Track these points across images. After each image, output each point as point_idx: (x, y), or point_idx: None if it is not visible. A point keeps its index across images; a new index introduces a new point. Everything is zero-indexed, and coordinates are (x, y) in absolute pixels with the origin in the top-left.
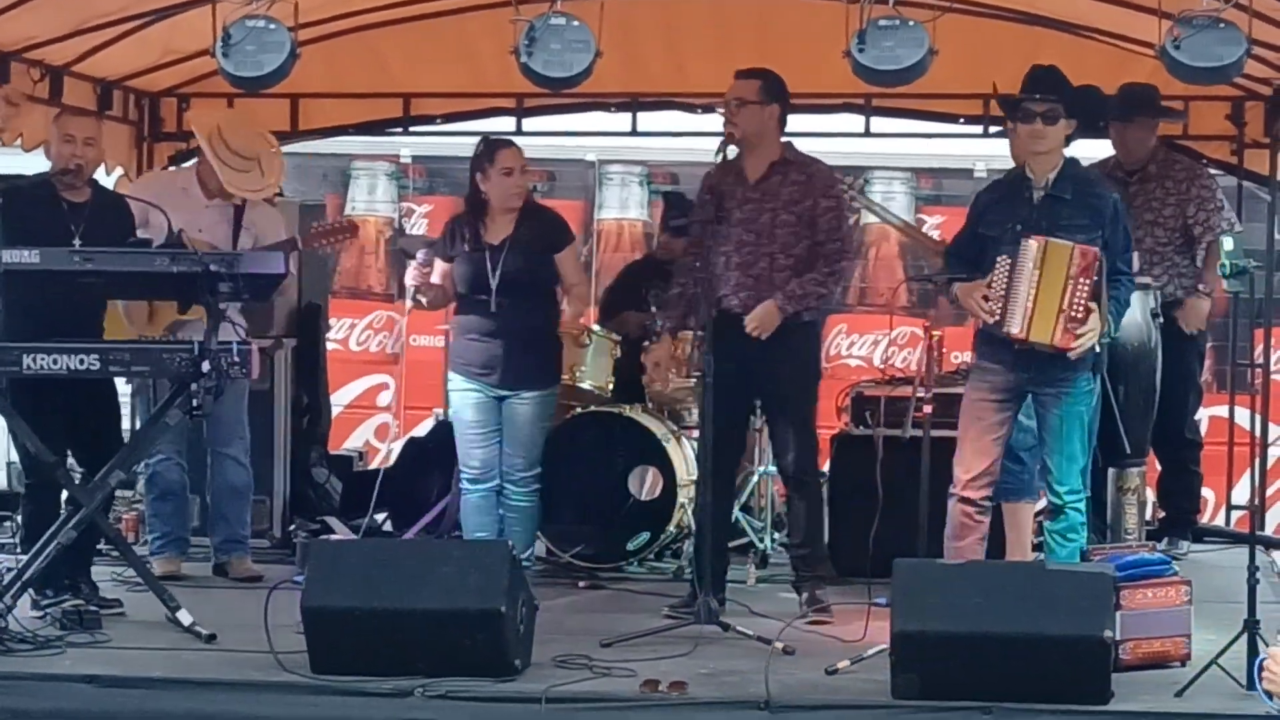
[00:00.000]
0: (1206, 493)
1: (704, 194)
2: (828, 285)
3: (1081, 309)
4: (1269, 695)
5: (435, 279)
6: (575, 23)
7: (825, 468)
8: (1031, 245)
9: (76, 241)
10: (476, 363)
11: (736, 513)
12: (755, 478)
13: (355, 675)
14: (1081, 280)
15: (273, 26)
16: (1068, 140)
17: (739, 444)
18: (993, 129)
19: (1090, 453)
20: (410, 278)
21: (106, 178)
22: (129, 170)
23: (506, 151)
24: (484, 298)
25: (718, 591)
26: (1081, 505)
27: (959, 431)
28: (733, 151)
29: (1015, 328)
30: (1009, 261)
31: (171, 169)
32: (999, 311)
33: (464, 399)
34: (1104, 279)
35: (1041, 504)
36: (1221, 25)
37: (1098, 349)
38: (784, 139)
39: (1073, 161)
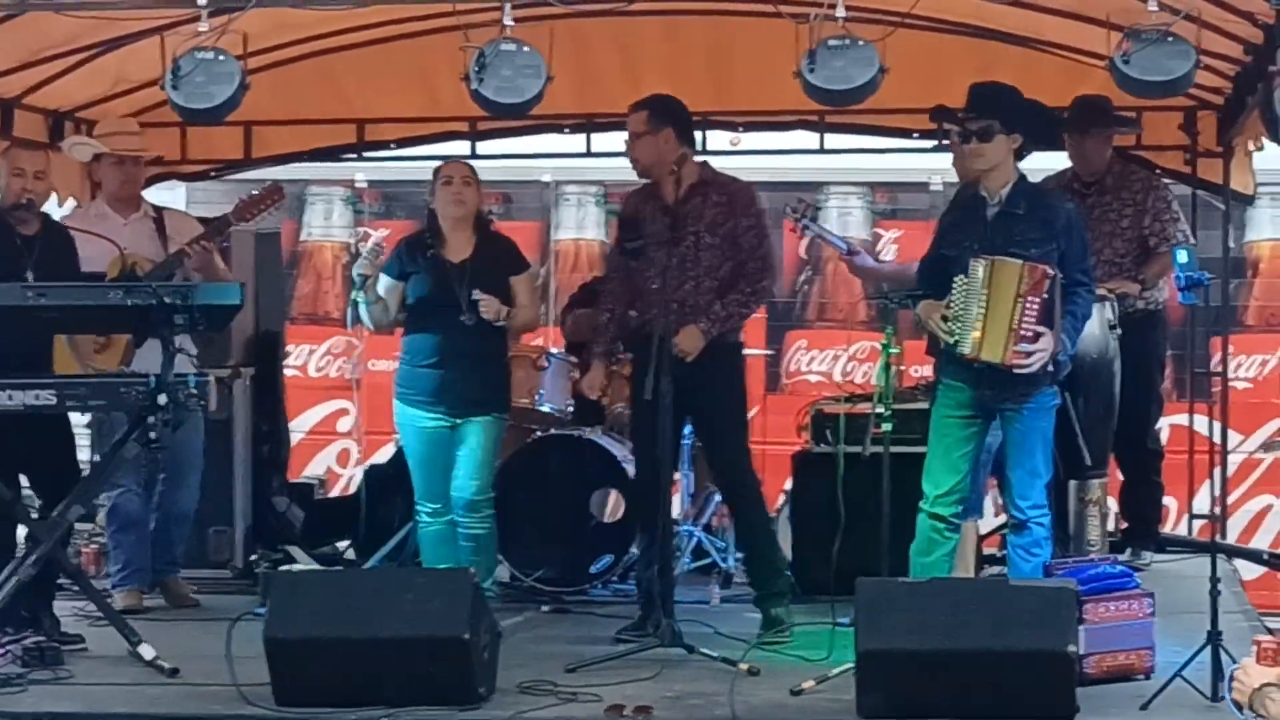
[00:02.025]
0: (1168, 501)
1: (623, 220)
2: (750, 305)
3: (1031, 328)
4: (1238, 706)
5: (381, 291)
6: (526, 48)
7: (787, 486)
8: (979, 266)
9: (29, 275)
10: (423, 390)
11: (699, 534)
12: (717, 497)
13: (320, 706)
14: (1030, 299)
15: (222, 58)
16: (1020, 155)
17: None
18: (946, 143)
19: (1051, 467)
20: (360, 266)
21: (58, 209)
22: (82, 202)
23: (447, 165)
24: (448, 314)
25: (675, 612)
26: (1045, 520)
27: (929, 448)
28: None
29: (966, 348)
30: (964, 281)
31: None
32: (956, 331)
33: (414, 428)
34: (1057, 296)
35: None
36: (1170, 39)
37: (1054, 365)
38: (699, 159)
39: (1024, 179)
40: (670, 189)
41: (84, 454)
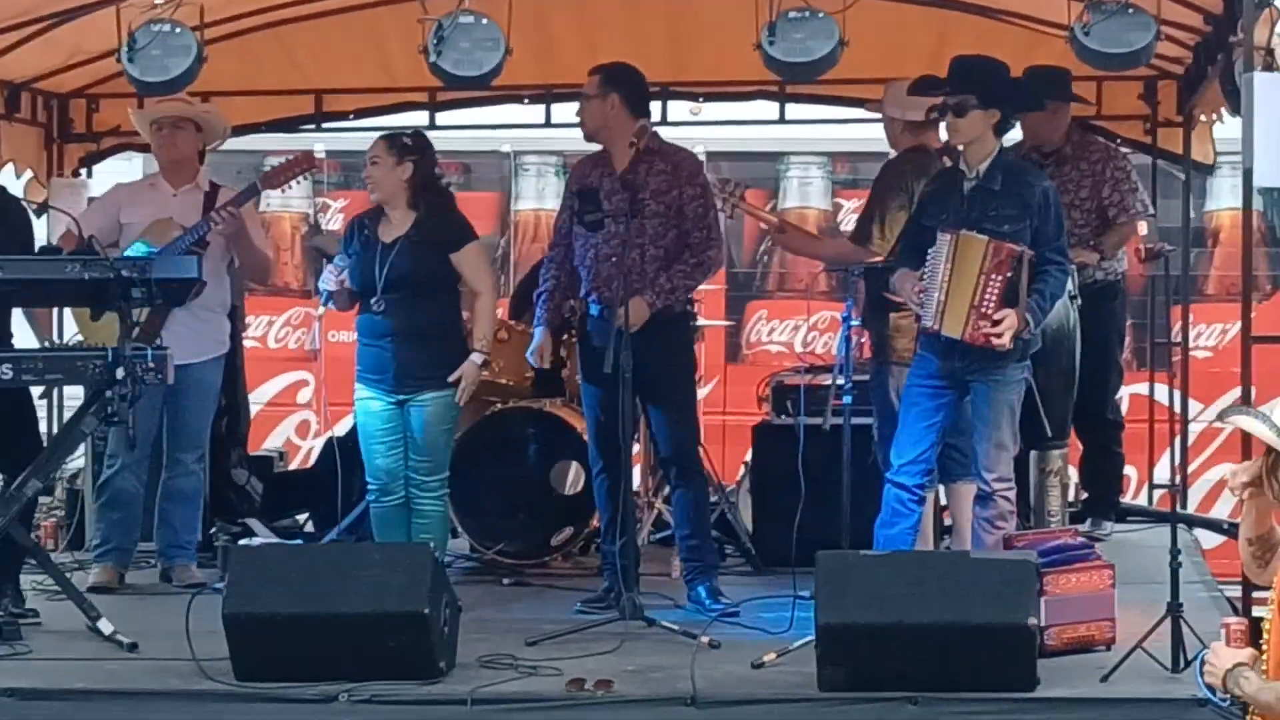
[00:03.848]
0: (1129, 471)
1: (569, 186)
2: (694, 276)
3: (993, 305)
4: (1211, 689)
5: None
6: (484, 20)
7: (747, 458)
8: (945, 239)
9: None
10: (372, 368)
11: (660, 505)
12: None
13: (279, 681)
14: (994, 276)
15: (178, 30)
16: (1001, 129)
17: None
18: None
19: (1018, 440)
20: (325, 282)
21: (15, 181)
22: (39, 173)
23: (372, 145)
24: (372, 299)
25: (636, 585)
26: (1011, 494)
27: (899, 417)
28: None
29: (929, 320)
30: (933, 253)
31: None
32: (923, 302)
33: (365, 406)
34: (1023, 275)
35: None
36: (1131, 10)
37: (1021, 341)
38: (650, 128)
39: (1004, 150)
40: (619, 157)
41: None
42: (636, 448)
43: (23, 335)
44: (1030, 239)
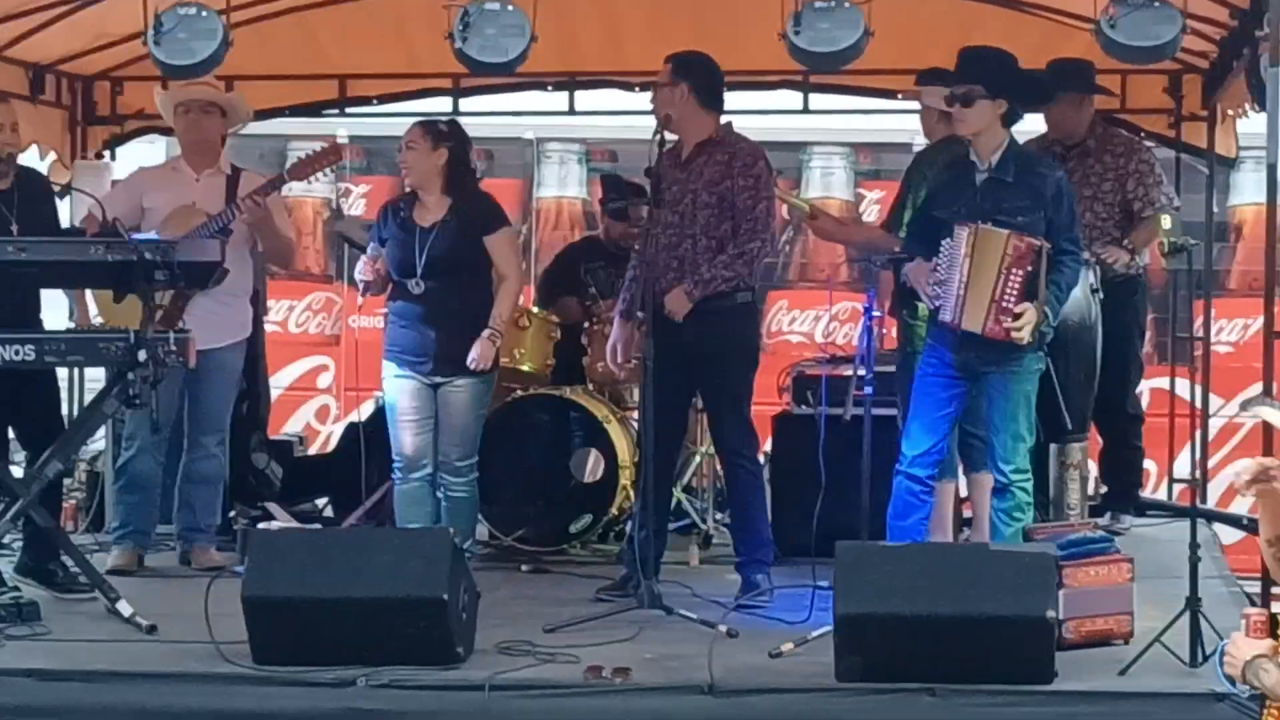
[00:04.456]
0: (1149, 465)
1: (647, 178)
2: (734, 268)
3: (1014, 299)
4: (1230, 680)
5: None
6: (510, 7)
7: (767, 447)
8: (963, 232)
9: (14, 228)
10: (408, 349)
11: (679, 494)
12: (698, 458)
13: (297, 665)
14: (1014, 270)
15: (204, 14)
16: (1010, 120)
17: (679, 427)
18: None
19: (1035, 431)
20: (361, 272)
21: (39, 163)
22: (62, 155)
23: (408, 131)
24: (410, 281)
25: (656, 574)
26: (1028, 485)
27: (910, 408)
28: (671, 135)
29: (947, 315)
30: (950, 246)
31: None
32: (940, 295)
33: (397, 386)
34: (1042, 268)
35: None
36: (1157, 4)
37: (1044, 330)
38: (724, 119)
39: (1016, 145)
40: (686, 147)
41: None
42: None
43: (57, 315)
44: (1044, 230)
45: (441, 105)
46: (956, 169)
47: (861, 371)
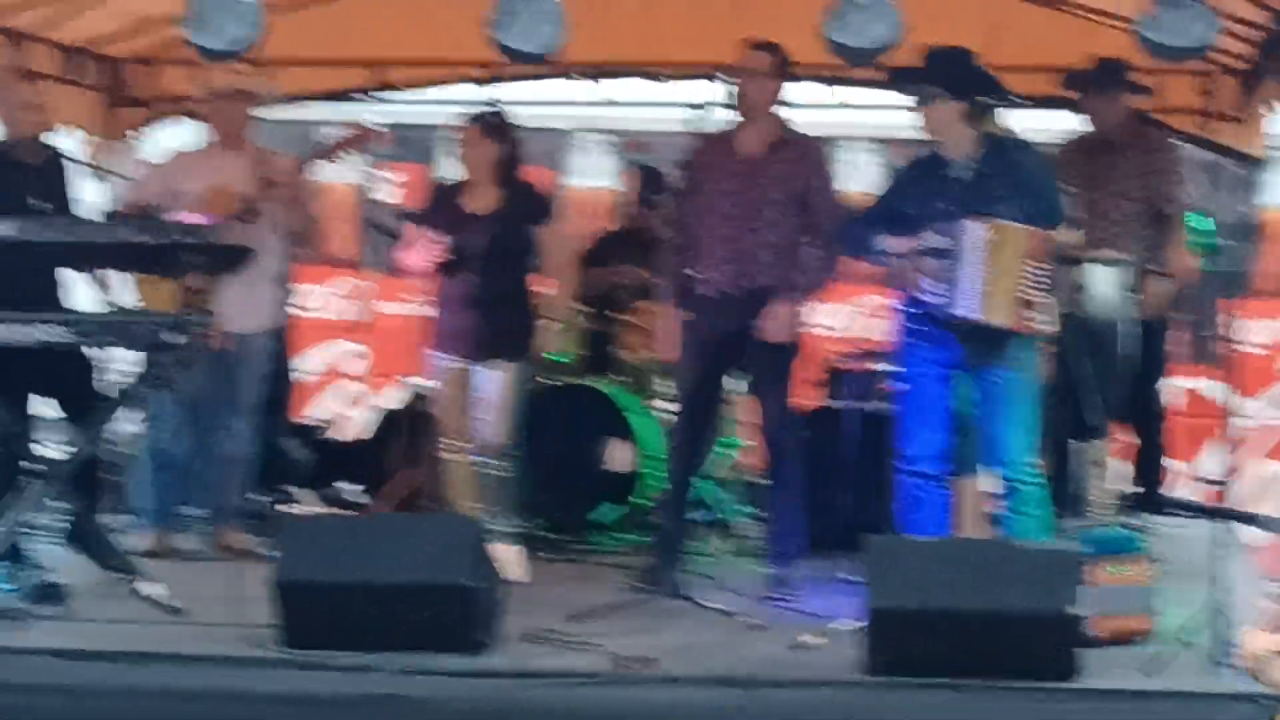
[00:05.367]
0: (1175, 465)
1: (684, 166)
2: (825, 273)
3: (1036, 292)
4: (1254, 677)
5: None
6: None
7: None
8: (976, 228)
9: (48, 207)
10: (456, 333)
11: (706, 485)
12: (718, 448)
13: (323, 649)
14: (1035, 264)
15: None
16: (978, 118)
17: (713, 419)
18: None
19: (1040, 426)
20: (413, 259)
21: (69, 141)
22: (94, 137)
23: (465, 129)
24: (464, 267)
25: (681, 564)
26: (1037, 479)
27: (906, 406)
28: (716, 118)
29: (962, 309)
30: (953, 243)
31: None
32: (945, 293)
33: (442, 367)
34: (1053, 261)
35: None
36: (1194, 3)
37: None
38: (782, 116)
39: (990, 137)
40: (747, 139)
41: None
42: None
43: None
44: (1032, 216)
45: (474, 93)
46: (924, 166)
47: (890, 367)
